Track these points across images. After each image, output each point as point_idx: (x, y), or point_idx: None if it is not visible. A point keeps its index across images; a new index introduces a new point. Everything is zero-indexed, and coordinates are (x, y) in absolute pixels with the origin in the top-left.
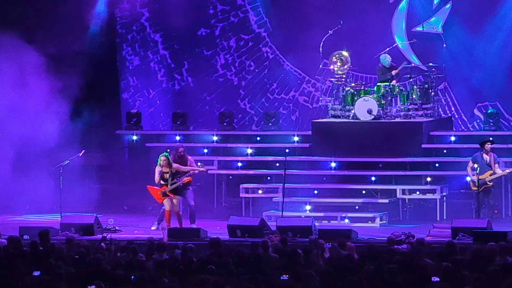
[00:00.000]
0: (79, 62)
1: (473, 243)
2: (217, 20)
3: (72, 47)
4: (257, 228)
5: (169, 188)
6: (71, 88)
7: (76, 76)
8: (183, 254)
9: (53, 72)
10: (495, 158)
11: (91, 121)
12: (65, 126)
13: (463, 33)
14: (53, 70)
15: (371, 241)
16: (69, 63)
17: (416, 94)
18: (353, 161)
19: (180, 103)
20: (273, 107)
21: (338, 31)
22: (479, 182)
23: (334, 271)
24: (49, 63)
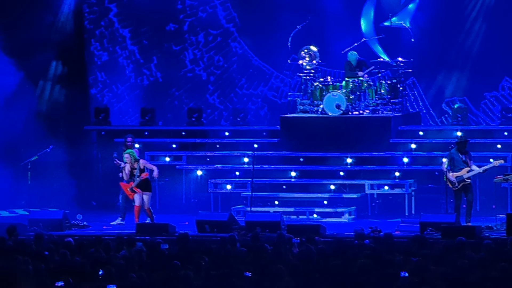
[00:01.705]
0: (47, 58)
1: (441, 238)
2: (186, 15)
3: (40, 42)
4: (226, 223)
5: (134, 184)
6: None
7: (44, 72)
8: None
9: (21, 67)
10: (471, 155)
11: (60, 116)
12: (33, 122)
13: (430, 28)
14: (21, 66)
15: (340, 236)
16: (37, 59)
17: (384, 89)
18: (322, 156)
19: (148, 98)
20: (242, 102)
21: (306, 26)
22: (457, 180)
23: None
24: (17, 59)
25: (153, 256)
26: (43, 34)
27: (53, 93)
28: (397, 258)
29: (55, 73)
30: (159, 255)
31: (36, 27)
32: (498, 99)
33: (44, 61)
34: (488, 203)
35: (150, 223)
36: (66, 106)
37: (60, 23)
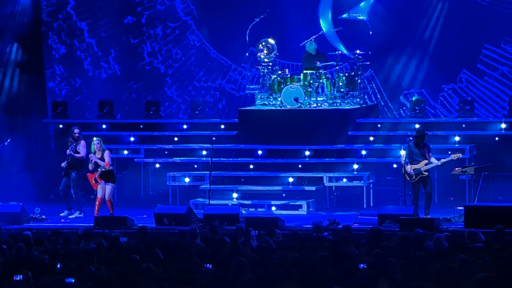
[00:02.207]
0: (4, 51)
1: (399, 230)
2: (144, 8)
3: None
4: (184, 216)
5: (98, 173)
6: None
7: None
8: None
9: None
10: (429, 147)
11: (17, 110)
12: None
13: (388, 20)
14: None
15: (298, 228)
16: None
17: (342, 81)
18: (280, 149)
19: (106, 92)
20: (200, 95)
21: (264, 19)
22: (414, 172)
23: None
24: None
25: (112, 249)
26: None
27: (11, 87)
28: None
29: (13, 66)
30: (117, 248)
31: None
32: (456, 91)
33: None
34: (446, 195)
35: (109, 216)
36: (24, 99)
37: (18, 16)
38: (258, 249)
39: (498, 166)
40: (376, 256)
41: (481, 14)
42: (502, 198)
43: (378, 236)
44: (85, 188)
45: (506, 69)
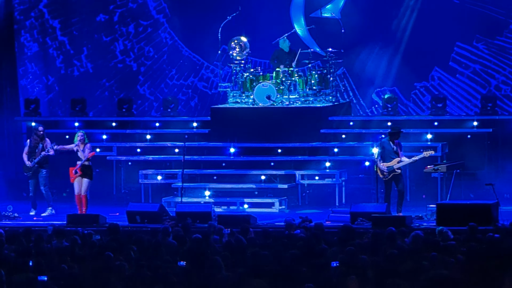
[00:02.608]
0: None
1: (372, 228)
2: (116, 6)
3: None
4: (157, 214)
5: (79, 165)
6: None
7: None
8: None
9: None
10: (401, 146)
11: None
12: None
13: (361, 18)
14: None
15: (270, 226)
16: None
17: (314, 79)
18: (252, 147)
19: (79, 89)
20: (172, 93)
21: (236, 17)
22: (388, 170)
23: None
24: None
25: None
26: None
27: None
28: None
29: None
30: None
31: None
32: (428, 89)
33: None
34: (419, 193)
35: (82, 214)
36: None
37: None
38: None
39: (470, 163)
40: (348, 254)
41: (453, 12)
42: (474, 195)
43: (350, 233)
44: (58, 185)
45: (478, 67)
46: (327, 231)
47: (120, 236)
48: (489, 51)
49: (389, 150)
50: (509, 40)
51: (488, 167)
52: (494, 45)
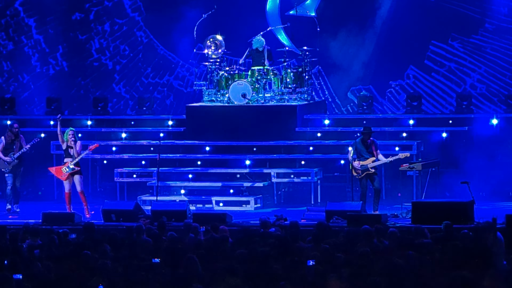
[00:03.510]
0: None
1: (347, 226)
2: (92, 4)
3: None
4: (132, 213)
5: (75, 161)
6: None
7: None
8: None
9: None
10: (377, 145)
11: None
12: None
13: (336, 16)
14: None
15: (245, 224)
16: None
17: (290, 77)
18: (228, 145)
19: (54, 88)
20: (148, 91)
21: (212, 15)
22: (361, 168)
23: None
24: None
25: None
26: None
27: None
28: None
29: None
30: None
31: None
32: (404, 87)
33: None
34: (394, 191)
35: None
36: None
37: None
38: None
39: (446, 162)
40: (323, 252)
41: (428, 10)
42: (449, 194)
43: (324, 231)
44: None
45: (453, 65)
46: (302, 229)
47: (95, 234)
48: (465, 49)
49: (362, 149)
50: (485, 39)
51: (464, 165)
52: (470, 44)
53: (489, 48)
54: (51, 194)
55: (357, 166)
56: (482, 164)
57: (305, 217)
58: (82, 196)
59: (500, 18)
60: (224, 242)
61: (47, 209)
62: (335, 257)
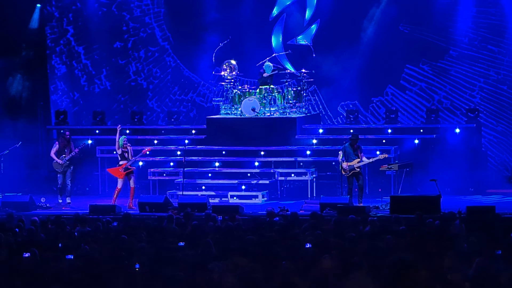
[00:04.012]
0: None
1: (337, 216)
2: (130, 35)
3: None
4: (162, 205)
5: (130, 162)
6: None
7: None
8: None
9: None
10: (361, 148)
11: (27, 118)
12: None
13: (328, 45)
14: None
15: (255, 214)
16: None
17: (291, 95)
18: (240, 150)
19: (99, 103)
20: (175, 106)
21: (227, 44)
22: (349, 168)
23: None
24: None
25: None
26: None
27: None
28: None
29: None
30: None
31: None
32: (383, 103)
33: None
34: (375, 187)
35: (101, 204)
36: (32, 110)
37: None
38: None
39: (418, 163)
40: (318, 237)
41: (403, 40)
42: (420, 189)
43: (319, 220)
44: (82, 181)
45: (423, 85)
46: (301, 218)
47: (131, 222)
48: (433, 71)
49: (350, 152)
50: (449, 63)
51: (432, 166)
52: (437, 67)
53: (453, 71)
54: (96, 190)
55: (345, 167)
56: (447, 165)
57: (303, 209)
58: (133, 191)
59: (462, 46)
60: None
61: (93, 202)
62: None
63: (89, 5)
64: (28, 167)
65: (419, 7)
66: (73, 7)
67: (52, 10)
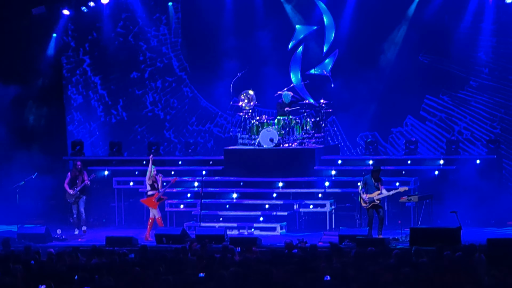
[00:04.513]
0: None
1: (356, 248)
2: (146, 65)
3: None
4: (180, 236)
5: (161, 193)
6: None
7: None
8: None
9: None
10: (382, 181)
11: (43, 149)
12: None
13: (347, 73)
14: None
15: (273, 246)
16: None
17: (309, 125)
18: (258, 181)
19: (116, 134)
20: (192, 136)
21: (245, 74)
22: (368, 200)
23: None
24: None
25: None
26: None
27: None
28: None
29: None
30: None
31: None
32: (403, 133)
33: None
34: (395, 219)
35: (117, 236)
36: (48, 140)
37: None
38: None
39: (437, 195)
40: (337, 269)
41: (423, 70)
42: (440, 221)
43: (338, 252)
44: (98, 213)
45: (443, 116)
46: (320, 250)
47: (148, 254)
48: (453, 102)
49: (370, 184)
50: (469, 94)
51: (452, 197)
52: (457, 98)
53: (473, 101)
54: (113, 221)
55: (365, 198)
56: (467, 197)
57: (322, 240)
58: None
59: (482, 77)
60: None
61: (110, 233)
62: (346, 273)
63: (105, 35)
64: (44, 198)
65: (439, 37)
66: (89, 37)
67: (68, 40)
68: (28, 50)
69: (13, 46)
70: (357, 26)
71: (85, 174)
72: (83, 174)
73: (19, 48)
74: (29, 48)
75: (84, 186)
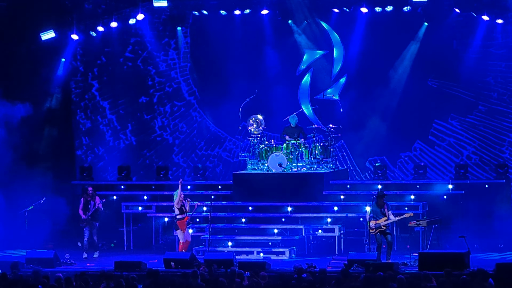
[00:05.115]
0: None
1: (365, 272)
2: (155, 90)
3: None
4: (188, 261)
5: (191, 215)
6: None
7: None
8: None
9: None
10: (389, 206)
11: (51, 174)
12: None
13: (356, 98)
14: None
15: (282, 271)
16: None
17: (318, 150)
18: (267, 205)
19: (124, 158)
20: (201, 161)
21: (254, 99)
22: (375, 226)
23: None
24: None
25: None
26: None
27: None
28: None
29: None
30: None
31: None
32: (411, 158)
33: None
34: (404, 243)
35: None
36: (56, 165)
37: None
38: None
39: (446, 219)
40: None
41: (432, 95)
42: (449, 246)
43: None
44: (107, 238)
45: (452, 140)
46: (329, 275)
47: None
48: (462, 127)
49: (376, 211)
50: (478, 118)
51: (461, 222)
52: (466, 122)
53: (482, 126)
54: (122, 246)
55: (372, 225)
56: (476, 222)
57: (331, 265)
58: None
59: (491, 101)
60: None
61: (118, 258)
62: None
63: (114, 60)
64: (52, 223)
65: (447, 62)
66: (98, 62)
67: (77, 65)
68: (36, 74)
69: (22, 70)
70: (366, 52)
71: (96, 199)
72: (95, 198)
73: (28, 72)
74: (38, 73)
75: (96, 210)
